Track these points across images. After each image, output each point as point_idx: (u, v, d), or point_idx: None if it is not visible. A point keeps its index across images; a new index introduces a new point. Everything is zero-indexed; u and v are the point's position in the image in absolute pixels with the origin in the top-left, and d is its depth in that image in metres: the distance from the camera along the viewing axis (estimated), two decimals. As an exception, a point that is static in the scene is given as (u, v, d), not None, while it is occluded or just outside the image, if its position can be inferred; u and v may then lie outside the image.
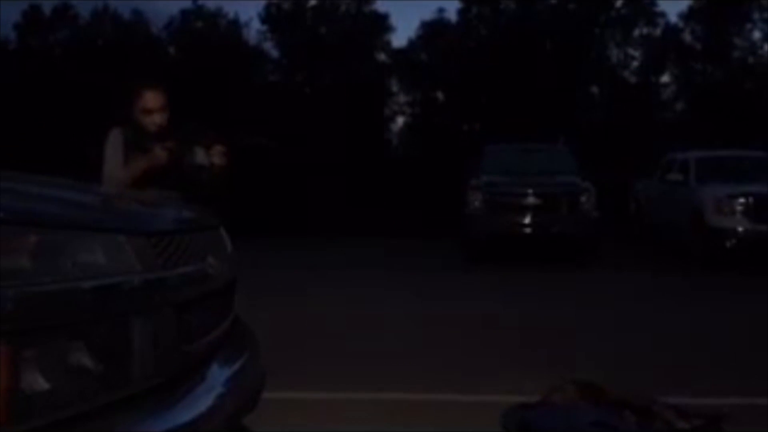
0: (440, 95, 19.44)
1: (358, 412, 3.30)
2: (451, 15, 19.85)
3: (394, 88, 19.69)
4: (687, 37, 19.51)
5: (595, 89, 19.17)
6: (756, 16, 19.26)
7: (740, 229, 8.17)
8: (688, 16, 19.39)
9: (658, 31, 19.49)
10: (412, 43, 19.78)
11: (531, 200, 8.96)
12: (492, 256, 9.07)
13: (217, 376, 1.90)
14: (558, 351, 4.49)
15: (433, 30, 19.67)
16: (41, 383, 1.33)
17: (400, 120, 20.22)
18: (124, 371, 1.51)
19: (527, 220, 8.93)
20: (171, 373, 1.64)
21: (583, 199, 8.99)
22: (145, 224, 1.67)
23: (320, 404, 3.45)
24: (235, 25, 17.34)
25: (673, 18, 19.57)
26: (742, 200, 8.27)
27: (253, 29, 18.85)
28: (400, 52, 19.55)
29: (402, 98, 19.94)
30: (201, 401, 1.69)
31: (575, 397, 3.23)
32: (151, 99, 3.21)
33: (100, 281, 1.47)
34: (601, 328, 5.25)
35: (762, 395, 3.58)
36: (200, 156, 3.25)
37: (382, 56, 19.47)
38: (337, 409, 3.36)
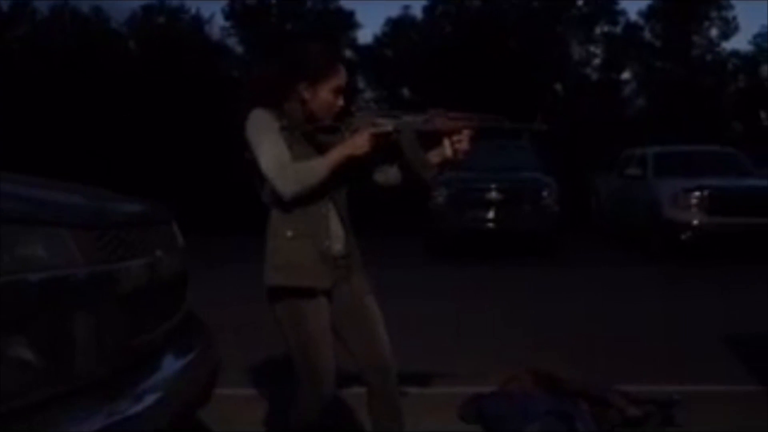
0: (406, 92, 19.49)
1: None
2: (417, 12, 19.87)
3: (360, 84, 19.68)
4: (647, 34, 19.86)
5: (558, 86, 19.41)
6: (714, 14, 19.70)
7: (695, 222, 8.36)
8: (648, 14, 19.74)
9: (619, 29, 19.80)
10: (378, 40, 19.80)
11: (494, 195, 9.06)
12: (455, 250, 9.15)
13: (167, 369, 1.90)
14: (515, 342, 4.56)
15: (398, 27, 19.70)
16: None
17: (367, 117, 20.16)
18: (67, 365, 1.50)
19: (490, 215, 9.03)
20: (116, 367, 1.63)
21: (545, 194, 9.12)
22: (88, 217, 1.66)
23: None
24: (198, 20, 17.16)
25: (633, 16, 19.91)
26: (697, 194, 8.46)
27: (216, 25, 18.67)
28: (366, 48, 19.54)
29: (368, 95, 19.95)
30: (148, 394, 1.69)
31: (531, 387, 3.28)
32: (344, 75, 2.23)
33: (40, 275, 1.46)
34: (558, 318, 5.34)
35: (711, 382, 3.69)
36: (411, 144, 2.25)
37: (348, 53, 19.43)
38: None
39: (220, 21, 19.03)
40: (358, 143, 2.13)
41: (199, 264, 2.90)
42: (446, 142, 2.19)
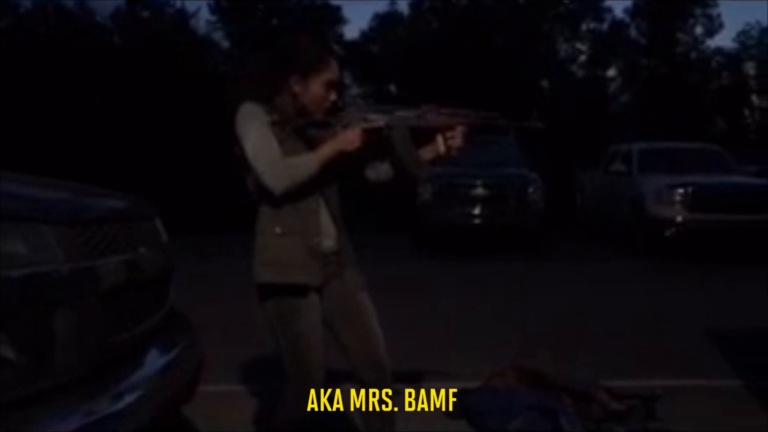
0: (393, 88, 19.48)
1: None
2: (404, 8, 19.85)
3: (347, 80, 19.64)
4: (632, 32, 19.98)
5: (544, 83, 19.49)
6: (698, 12, 19.85)
7: (679, 218, 8.43)
8: (633, 11, 19.86)
9: (604, 26, 19.90)
10: (364, 36, 19.75)
11: (480, 191, 9.09)
12: (441, 246, 9.17)
13: (149, 366, 1.89)
14: (501, 338, 4.58)
15: (385, 23, 19.68)
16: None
17: (354, 113, 20.12)
18: (48, 363, 1.48)
19: (476, 210, 9.06)
20: (98, 364, 1.62)
21: (530, 190, 9.16)
22: (70, 213, 1.64)
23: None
24: (183, 15, 17.02)
25: (619, 13, 20.02)
26: (681, 190, 8.53)
27: (202, 19, 18.55)
28: (352, 44, 19.50)
29: (354, 91, 19.91)
30: (130, 392, 1.68)
31: (515, 383, 3.30)
32: (336, 70, 2.19)
33: (21, 271, 1.45)
34: (542, 314, 5.37)
35: (693, 377, 3.73)
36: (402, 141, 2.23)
37: (335, 48, 19.37)
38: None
39: (205, 15, 18.90)
40: (349, 139, 2.10)
41: (188, 261, 2.88)
42: (439, 139, 2.16)
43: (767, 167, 10.30)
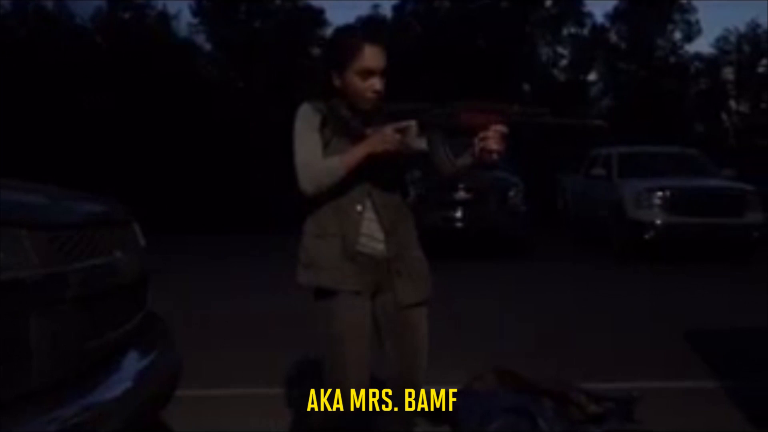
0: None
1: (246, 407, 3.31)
2: (387, 10, 19.90)
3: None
4: (613, 36, 20.18)
5: (526, 86, 19.61)
6: (677, 17, 20.09)
7: (658, 221, 8.52)
8: (614, 16, 20.08)
9: (585, 31, 20.10)
10: (347, 39, 19.78)
11: (461, 195, 9.12)
12: (423, 249, 9.16)
13: (125, 372, 1.87)
14: (478, 340, 4.59)
15: (368, 25, 19.73)
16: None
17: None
18: (21, 368, 1.47)
19: (458, 214, 9.09)
20: (73, 369, 1.61)
21: (511, 194, 9.21)
22: (44, 218, 1.63)
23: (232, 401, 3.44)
24: (164, 16, 16.92)
25: (599, 18, 20.24)
26: (659, 194, 8.62)
27: (183, 21, 18.46)
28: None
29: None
30: (107, 396, 1.67)
31: (494, 385, 3.32)
32: (373, 56, 2.06)
33: (-7, 276, 1.43)
34: (521, 316, 5.40)
35: (670, 378, 3.77)
36: (419, 141, 2.09)
37: (317, 51, 19.37)
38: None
39: (187, 17, 18.81)
40: (378, 140, 2.00)
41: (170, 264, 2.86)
42: (475, 141, 1.97)
43: (745, 171, 10.43)
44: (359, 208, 2.07)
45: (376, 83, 2.07)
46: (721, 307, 5.73)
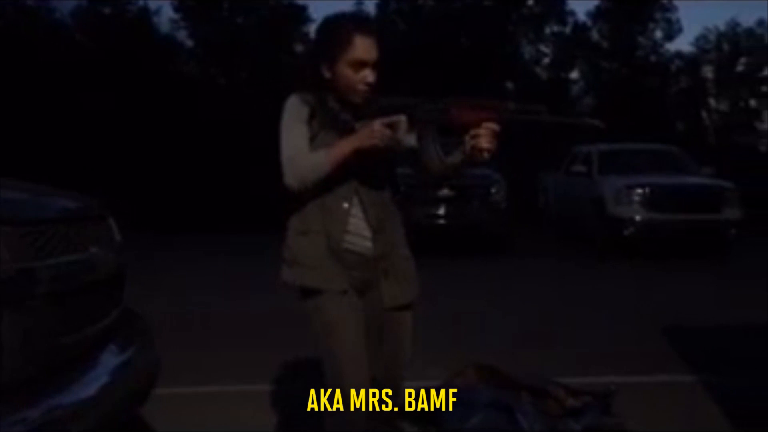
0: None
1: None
2: (370, 8, 19.88)
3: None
4: (594, 35, 20.32)
5: (509, 84, 19.69)
6: (658, 16, 20.28)
7: (638, 218, 8.60)
8: (596, 15, 20.22)
9: (567, 30, 20.22)
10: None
11: (444, 192, 9.14)
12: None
13: (103, 367, 1.86)
14: (458, 336, 4.61)
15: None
16: None
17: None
18: (-8, 364, 1.45)
19: (440, 211, 9.11)
20: (47, 365, 1.60)
21: (493, 190, 9.24)
22: (15, 213, 1.61)
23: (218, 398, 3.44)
24: (145, 12, 16.78)
25: (581, 17, 20.36)
26: (639, 191, 8.70)
27: (165, 17, 18.33)
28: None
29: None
30: (81, 392, 1.65)
31: (474, 380, 3.33)
32: (365, 47, 1.98)
33: (-37, 272, 1.41)
34: (503, 311, 5.43)
35: (648, 372, 3.81)
36: (409, 137, 2.01)
37: (300, 47, 19.31)
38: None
39: (168, 13, 18.66)
40: (366, 135, 1.91)
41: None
42: (466, 139, 1.90)
43: (723, 168, 10.55)
44: (346, 205, 2.01)
45: (369, 75, 1.99)
46: (700, 302, 5.80)
